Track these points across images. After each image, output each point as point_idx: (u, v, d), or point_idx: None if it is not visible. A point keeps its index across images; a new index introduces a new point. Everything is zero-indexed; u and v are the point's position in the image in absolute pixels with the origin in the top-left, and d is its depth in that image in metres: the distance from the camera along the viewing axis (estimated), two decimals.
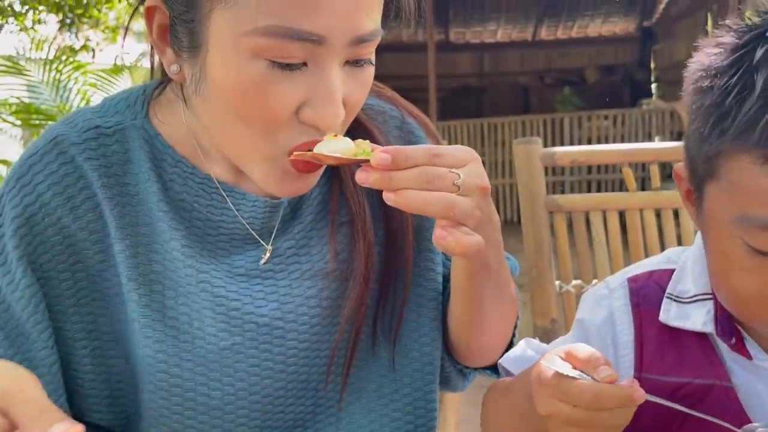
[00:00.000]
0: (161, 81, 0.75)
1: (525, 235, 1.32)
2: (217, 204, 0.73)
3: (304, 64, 0.62)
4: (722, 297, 0.68)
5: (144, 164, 0.72)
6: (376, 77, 0.71)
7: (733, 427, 0.61)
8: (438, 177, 0.61)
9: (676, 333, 0.73)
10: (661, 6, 8.81)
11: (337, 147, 0.62)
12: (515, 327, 0.85)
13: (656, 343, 0.74)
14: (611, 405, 0.57)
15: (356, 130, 0.76)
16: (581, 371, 0.58)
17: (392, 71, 9.61)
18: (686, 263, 0.76)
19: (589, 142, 6.68)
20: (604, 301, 0.78)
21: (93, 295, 0.73)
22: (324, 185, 0.77)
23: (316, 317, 0.76)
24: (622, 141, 6.62)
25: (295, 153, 0.64)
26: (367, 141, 0.63)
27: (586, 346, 0.61)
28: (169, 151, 0.73)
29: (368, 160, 0.61)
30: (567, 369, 0.58)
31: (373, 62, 0.67)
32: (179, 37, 0.65)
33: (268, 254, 0.74)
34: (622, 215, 1.31)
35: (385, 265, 0.78)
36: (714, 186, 0.63)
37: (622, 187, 1.40)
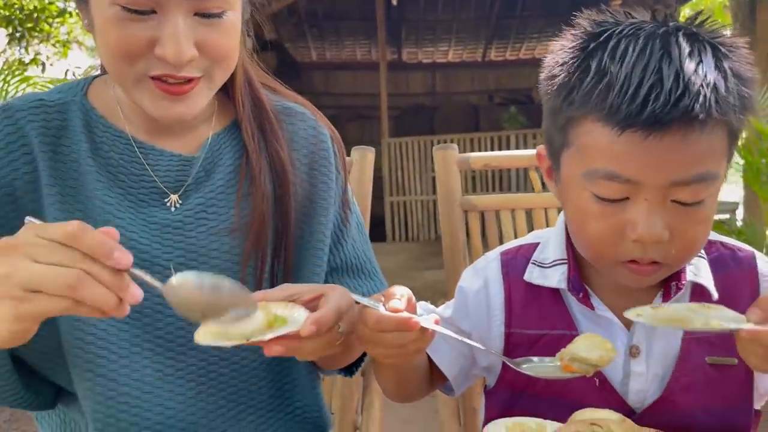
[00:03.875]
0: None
1: (443, 232, 1.44)
2: (139, 160, 0.90)
3: (154, 11, 0.79)
4: (579, 244, 0.84)
5: (78, 129, 0.89)
6: (332, 95, 0.86)
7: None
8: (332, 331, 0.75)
9: (537, 293, 0.89)
10: None
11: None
12: None
13: (521, 303, 0.90)
14: (389, 328, 0.72)
15: (265, 128, 0.95)
16: (384, 305, 0.72)
17: (346, 89, 9.76)
18: (549, 238, 0.93)
19: None
20: (481, 272, 0.94)
21: None
22: (237, 159, 0.95)
23: (215, 268, 0.89)
24: None
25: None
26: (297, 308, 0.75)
27: (401, 288, 0.75)
28: (101, 120, 0.91)
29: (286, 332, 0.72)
30: (366, 300, 0.73)
31: (225, 17, 0.83)
32: None
33: (174, 201, 0.89)
34: (529, 214, 1.46)
35: (277, 236, 0.94)
36: (567, 153, 0.80)
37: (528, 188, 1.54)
